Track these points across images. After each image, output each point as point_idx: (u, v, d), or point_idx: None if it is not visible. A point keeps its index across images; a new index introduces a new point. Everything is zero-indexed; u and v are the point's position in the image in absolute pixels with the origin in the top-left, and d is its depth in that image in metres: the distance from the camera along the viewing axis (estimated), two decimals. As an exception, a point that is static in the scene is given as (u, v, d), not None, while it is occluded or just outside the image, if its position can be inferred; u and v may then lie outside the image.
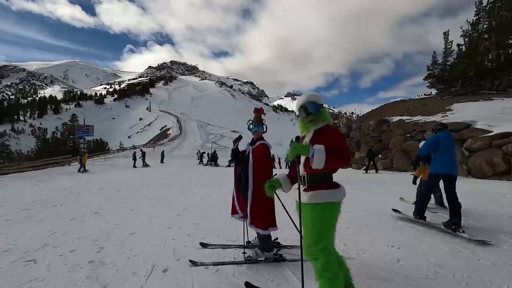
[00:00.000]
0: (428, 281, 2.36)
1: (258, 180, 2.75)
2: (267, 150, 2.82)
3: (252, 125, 2.92)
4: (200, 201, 6.35)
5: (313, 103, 2.04)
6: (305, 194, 1.97)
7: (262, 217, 2.70)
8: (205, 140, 66.80)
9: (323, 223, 1.87)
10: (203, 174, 14.17)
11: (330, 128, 2.01)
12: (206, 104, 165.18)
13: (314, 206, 1.90)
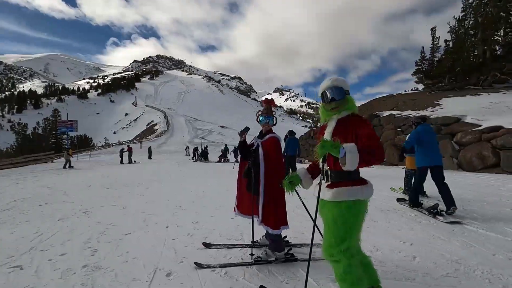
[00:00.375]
0: (449, 279, 2.25)
1: (270, 175, 2.57)
2: (277, 144, 2.64)
3: (262, 116, 2.72)
4: (195, 198, 6.12)
5: (339, 88, 1.83)
6: (328, 190, 1.79)
7: (274, 216, 2.53)
8: (193, 136, 65.98)
9: (348, 223, 1.70)
10: (195, 170, 13.88)
11: (357, 118, 1.81)
12: (193, 99, 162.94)
13: (338, 204, 1.73)
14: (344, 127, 1.80)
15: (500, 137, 9.39)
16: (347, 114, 1.84)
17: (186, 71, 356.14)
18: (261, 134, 2.77)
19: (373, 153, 1.58)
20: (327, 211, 1.80)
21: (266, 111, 2.72)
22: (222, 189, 7.43)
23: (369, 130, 1.71)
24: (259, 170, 2.59)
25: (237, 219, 4.15)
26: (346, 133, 1.76)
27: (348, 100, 1.85)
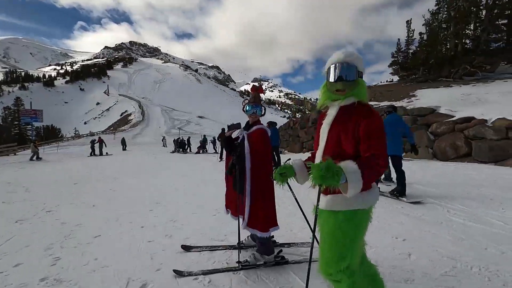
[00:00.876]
0: (448, 279, 2.14)
1: (256, 171, 2.30)
2: (265, 136, 2.36)
3: (249, 106, 2.43)
4: (174, 193, 5.75)
5: (352, 66, 1.47)
6: (323, 197, 1.51)
7: (262, 217, 2.28)
8: (171, 126, 64.19)
9: (347, 237, 1.44)
10: (173, 162, 13.33)
11: (364, 109, 1.46)
12: (170, 89, 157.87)
13: (335, 215, 1.47)
14: (347, 118, 1.48)
15: (472, 127, 9.76)
16: (353, 102, 1.49)
17: (162, 59, 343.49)
18: (247, 125, 2.49)
19: (378, 166, 1.35)
20: (323, 222, 1.53)
21: (254, 99, 2.44)
22: (202, 182, 7.10)
23: (377, 127, 1.41)
24: (245, 166, 2.32)
25: (220, 216, 3.89)
26: (346, 128, 1.46)
27: (359, 84, 1.50)
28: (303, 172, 1.75)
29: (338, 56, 1.50)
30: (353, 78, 1.47)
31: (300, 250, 2.71)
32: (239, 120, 3.00)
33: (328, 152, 1.52)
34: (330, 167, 1.26)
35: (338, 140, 1.49)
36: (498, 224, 3.31)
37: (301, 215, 2.27)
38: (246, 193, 2.30)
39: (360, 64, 1.51)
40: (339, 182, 1.27)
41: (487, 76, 18.43)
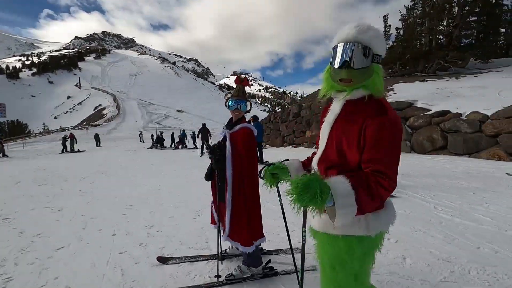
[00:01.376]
0: (448, 285, 2.01)
1: (239, 178, 2.04)
2: (251, 136, 2.08)
3: (232, 100, 2.13)
4: (149, 194, 5.35)
5: (365, 49, 1.08)
6: (317, 215, 1.19)
7: (245, 229, 2.03)
8: (148, 121, 62.12)
9: (352, 270, 1.14)
10: (150, 159, 12.74)
11: (376, 106, 1.08)
12: (146, 82, 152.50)
13: (334, 241, 1.15)
14: (352, 118, 1.11)
15: (448, 121, 10.04)
16: (362, 95, 1.12)
17: (137, 51, 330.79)
18: (230, 122, 2.20)
19: (381, 188, 0.99)
20: (320, 247, 1.24)
21: (238, 93, 2.14)
22: (181, 180, 6.73)
23: (389, 134, 1.03)
24: (225, 171, 2.05)
25: (201, 219, 3.61)
26: (350, 131, 1.10)
27: (373, 71, 1.11)
28: (299, 174, 1.47)
29: (348, 31, 1.09)
30: (364, 65, 1.09)
31: (289, 258, 2.49)
32: (220, 115, 2.70)
33: (326, 160, 1.20)
34: (309, 185, 0.93)
35: (340, 145, 1.14)
36: (485, 220, 3.28)
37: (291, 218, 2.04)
38: (226, 201, 2.04)
39: (379, 43, 1.11)
40: (323, 205, 0.95)
41: (459, 71, 19.19)
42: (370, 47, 1.09)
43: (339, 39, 1.12)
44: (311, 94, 27.25)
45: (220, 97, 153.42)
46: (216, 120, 73.42)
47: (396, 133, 1.06)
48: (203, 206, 4.27)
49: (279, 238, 2.97)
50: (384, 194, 1.01)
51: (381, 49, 1.12)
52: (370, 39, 1.08)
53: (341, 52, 1.10)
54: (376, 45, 1.10)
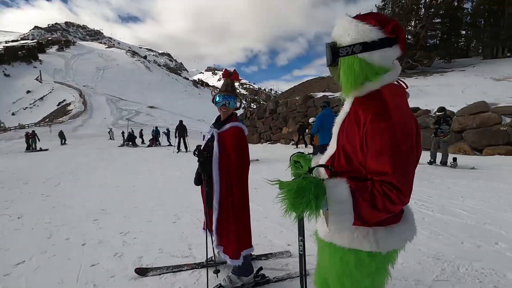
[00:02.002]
0: (441, 284, 1.99)
1: (227, 182, 1.87)
2: (242, 137, 1.91)
3: (220, 96, 1.94)
4: (123, 196, 4.99)
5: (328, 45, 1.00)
6: (321, 221, 1.06)
7: (233, 240, 1.87)
8: (118, 117, 59.34)
9: (359, 285, 1.03)
10: (121, 158, 12.06)
11: (374, 104, 0.92)
12: (116, 76, 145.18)
13: (342, 252, 1.03)
14: (355, 117, 0.97)
15: (418, 117, 10.52)
16: (373, 89, 0.96)
17: (105, 44, 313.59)
18: (218, 121, 2.01)
19: (387, 200, 0.85)
20: (326, 258, 1.12)
21: (226, 88, 1.94)
22: (157, 180, 6.38)
23: (392, 136, 0.85)
24: (212, 175, 1.87)
25: (181, 224, 3.39)
26: (352, 132, 0.97)
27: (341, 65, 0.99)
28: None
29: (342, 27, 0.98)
30: (331, 61, 1.00)
31: (280, 263, 2.37)
32: (195, 112, 2.47)
33: (336, 163, 1.06)
34: (304, 188, 0.85)
35: (345, 149, 1.02)
36: (464, 214, 3.39)
37: (276, 218, 1.94)
38: (213, 210, 1.87)
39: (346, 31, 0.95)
40: (318, 210, 0.88)
41: (425, 69, 20.23)
42: (334, 41, 1.00)
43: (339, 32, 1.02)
44: (287, 91, 27.45)
45: (194, 93, 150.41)
46: (190, 116, 71.90)
47: (404, 139, 0.86)
48: (183, 208, 4.04)
49: (266, 241, 2.84)
50: (391, 207, 0.87)
51: (351, 37, 0.93)
52: (334, 32, 1.00)
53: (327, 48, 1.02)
54: (340, 36, 0.97)
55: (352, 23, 0.94)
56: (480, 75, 15.23)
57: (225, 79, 1.97)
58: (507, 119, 8.87)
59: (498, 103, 9.49)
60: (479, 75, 15.12)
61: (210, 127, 2.01)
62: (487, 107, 9.33)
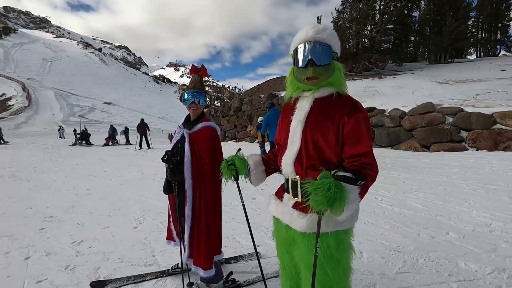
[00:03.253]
0: (404, 276, 2.09)
1: (201, 187, 1.77)
2: (215, 138, 1.83)
3: (188, 93, 1.81)
4: (75, 201, 4.54)
5: (326, 46, 1.13)
6: (301, 216, 1.17)
7: (204, 250, 1.77)
8: (69, 114, 54.71)
9: (339, 267, 1.15)
10: (74, 158, 11.07)
11: (348, 102, 1.16)
12: (66, 69, 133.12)
13: (323, 238, 1.12)
14: (325, 115, 1.15)
15: (374, 116, 11.21)
16: (330, 93, 1.17)
17: (53, 33, 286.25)
18: (188, 121, 1.89)
19: (371, 180, 1.11)
20: (303, 250, 1.17)
21: (194, 84, 1.82)
22: (114, 183, 5.94)
23: (367, 127, 1.14)
24: (184, 180, 1.75)
25: (142, 229, 3.17)
26: (326, 128, 1.14)
27: (335, 69, 1.17)
28: (258, 171, 1.44)
29: (306, 33, 1.15)
30: (327, 61, 1.14)
31: (250, 265, 2.32)
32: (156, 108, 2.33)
33: (303, 159, 1.19)
34: (337, 186, 0.93)
35: (317, 142, 1.17)
36: (418, 207, 3.65)
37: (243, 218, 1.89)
38: (185, 217, 1.75)
39: (336, 42, 1.19)
40: (342, 205, 0.95)
41: (380, 72, 21.66)
42: (331, 44, 1.15)
43: (299, 41, 1.17)
44: (251, 89, 27.52)
45: (155, 89, 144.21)
46: (151, 113, 68.82)
47: (370, 126, 1.18)
48: (144, 212, 3.79)
49: (235, 243, 2.76)
50: (372, 182, 1.11)
51: (337, 47, 1.19)
52: (328, 37, 1.15)
53: (303, 52, 1.14)
54: (334, 43, 1.17)
55: (337, 36, 1.20)
56: (426, 78, 16.69)
57: (193, 75, 1.85)
58: (450, 119, 9.83)
59: (442, 104, 10.48)
60: (426, 78, 16.56)
61: (179, 127, 1.88)
62: (433, 107, 10.24)
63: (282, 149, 1.30)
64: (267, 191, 4.65)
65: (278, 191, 1.38)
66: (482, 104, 10.30)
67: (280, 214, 1.27)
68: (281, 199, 1.32)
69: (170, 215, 2.06)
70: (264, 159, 1.50)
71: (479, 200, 3.93)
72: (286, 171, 1.24)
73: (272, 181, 4.18)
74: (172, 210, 1.99)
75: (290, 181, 1.21)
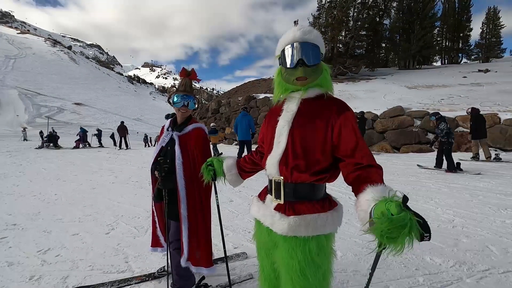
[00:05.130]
0: (375, 272, 2.17)
1: (195, 188, 1.77)
2: (205, 140, 1.85)
3: (178, 96, 1.79)
4: (41, 208, 4.27)
5: (314, 47, 1.14)
6: (282, 218, 1.14)
7: (205, 249, 1.79)
8: (35, 115, 51.50)
9: (320, 271, 1.12)
10: (39, 162, 10.41)
11: (336, 102, 1.16)
12: (31, 67, 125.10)
13: (304, 242, 1.11)
14: (313, 116, 1.15)
15: (349, 119, 11.65)
16: (318, 94, 1.18)
17: (17, 28, 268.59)
18: (175, 124, 1.88)
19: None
20: (285, 254, 1.14)
21: (184, 87, 1.81)
22: (85, 187, 5.67)
23: (355, 126, 1.12)
24: (177, 184, 1.75)
25: (115, 235, 3.07)
26: (315, 129, 1.13)
27: (323, 70, 1.18)
28: (232, 172, 1.53)
29: (294, 34, 1.15)
30: (316, 61, 1.15)
31: (223, 268, 2.30)
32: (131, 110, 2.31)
33: (289, 160, 1.16)
34: (412, 222, 0.72)
35: (304, 143, 1.15)
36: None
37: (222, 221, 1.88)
38: (182, 219, 1.72)
39: (322, 43, 1.19)
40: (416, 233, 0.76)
41: (354, 76, 22.47)
42: (319, 45, 1.16)
43: (286, 42, 1.16)
44: (229, 91, 27.47)
45: (130, 89, 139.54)
46: (124, 115, 66.49)
47: (357, 125, 1.16)
48: (117, 217, 3.66)
49: (212, 245, 2.74)
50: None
51: (323, 48, 1.20)
52: (316, 38, 1.16)
53: (291, 53, 1.14)
54: (320, 43, 1.17)
55: (321, 37, 1.20)
56: (397, 83, 17.56)
57: (183, 78, 1.84)
58: (418, 122, 10.41)
59: (411, 108, 11.07)
60: (396, 83, 17.42)
61: (167, 130, 1.86)
62: (403, 111, 10.79)
63: (267, 151, 1.27)
64: (244, 193, 4.65)
65: (261, 192, 1.36)
66: (446, 108, 11.01)
67: (262, 216, 1.25)
68: (263, 200, 1.29)
69: (155, 221, 2.02)
70: (239, 162, 1.54)
71: (444, 198, 4.19)
72: (270, 171, 1.22)
73: (251, 183, 4.24)
74: (159, 216, 1.97)
75: (273, 182, 1.20)
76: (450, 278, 2.10)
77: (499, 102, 11.01)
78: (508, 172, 5.98)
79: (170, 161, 1.75)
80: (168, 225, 1.82)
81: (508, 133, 8.58)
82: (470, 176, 5.72)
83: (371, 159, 1.06)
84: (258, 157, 1.48)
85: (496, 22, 29.42)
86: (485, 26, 29.61)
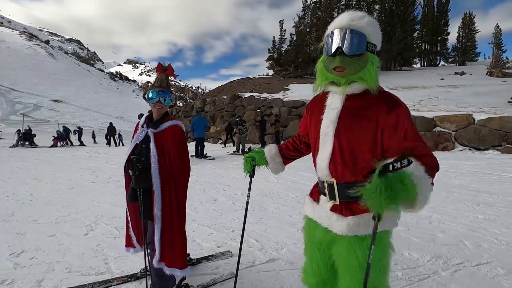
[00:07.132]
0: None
1: (170, 188, 1.72)
2: (183, 138, 1.81)
3: (153, 91, 1.74)
4: (15, 209, 4.07)
5: (358, 35, 1.03)
6: (340, 219, 1.12)
7: (179, 250, 1.73)
8: (9, 112, 49.08)
9: (379, 266, 1.11)
10: (13, 161, 9.92)
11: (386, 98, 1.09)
12: (5, 62, 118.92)
13: (361, 242, 1.10)
14: (359, 116, 1.08)
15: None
16: (363, 89, 1.09)
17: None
18: (151, 120, 1.82)
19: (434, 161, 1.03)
20: (343, 253, 1.14)
21: (160, 83, 1.77)
22: (63, 187, 5.46)
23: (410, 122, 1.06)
24: (152, 180, 1.69)
25: (94, 236, 2.98)
26: (362, 131, 1.08)
27: (368, 60, 1.07)
28: (276, 162, 1.49)
29: (341, 19, 1.07)
30: (358, 50, 1.03)
31: (210, 266, 2.29)
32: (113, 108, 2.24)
33: (338, 160, 1.13)
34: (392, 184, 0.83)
35: (352, 143, 1.10)
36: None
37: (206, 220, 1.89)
38: (155, 218, 1.68)
39: (374, 32, 1.08)
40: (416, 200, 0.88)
41: (338, 76, 22.89)
42: (365, 33, 1.05)
43: (334, 26, 1.08)
44: (214, 90, 27.25)
45: (111, 86, 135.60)
46: (106, 112, 64.55)
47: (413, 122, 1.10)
48: (97, 218, 3.55)
49: (195, 245, 2.71)
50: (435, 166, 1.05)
51: (376, 38, 1.10)
52: (364, 26, 1.05)
53: (333, 39, 1.06)
54: (371, 33, 1.07)
55: (377, 26, 1.11)
56: (379, 83, 18.01)
57: (159, 74, 1.80)
58: (398, 122, 10.74)
59: (392, 108, 11.40)
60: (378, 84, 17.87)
61: (142, 127, 1.80)
62: (384, 111, 11.10)
63: (314, 149, 1.23)
64: (228, 192, 4.64)
65: (313, 192, 1.32)
66: (425, 108, 11.41)
67: (318, 217, 1.22)
68: (317, 201, 1.25)
69: (128, 221, 1.97)
70: (281, 150, 1.49)
71: (422, 195, 4.34)
72: (321, 173, 1.18)
73: (234, 181, 4.24)
74: (132, 216, 1.92)
75: (326, 183, 1.17)
76: (427, 271, 2.18)
77: (473, 103, 11.53)
78: (481, 170, 6.28)
79: (145, 159, 1.71)
80: (146, 226, 1.78)
81: (482, 133, 9.00)
82: (448, 175, 5.97)
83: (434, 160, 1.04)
84: (303, 146, 1.45)
85: (472, 27, 30.79)
86: (461, 30, 30.93)
